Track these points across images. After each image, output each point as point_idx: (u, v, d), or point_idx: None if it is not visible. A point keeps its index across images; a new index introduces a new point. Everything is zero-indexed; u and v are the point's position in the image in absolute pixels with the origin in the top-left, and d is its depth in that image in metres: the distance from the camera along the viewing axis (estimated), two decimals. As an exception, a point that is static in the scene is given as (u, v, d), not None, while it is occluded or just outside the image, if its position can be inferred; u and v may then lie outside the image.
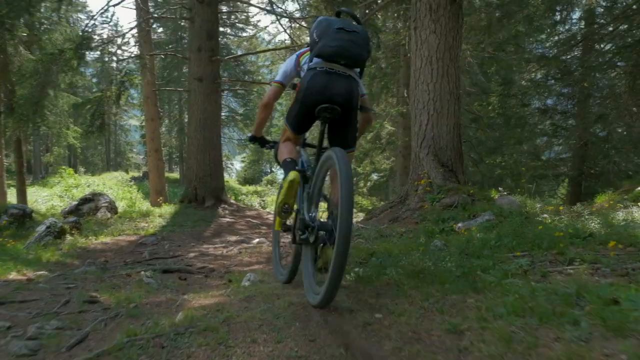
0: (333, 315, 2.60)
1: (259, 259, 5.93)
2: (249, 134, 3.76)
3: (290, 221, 3.47)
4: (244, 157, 49.99)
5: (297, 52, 3.51)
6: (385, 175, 23.83)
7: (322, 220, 3.02)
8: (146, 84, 15.67)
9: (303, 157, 3.52)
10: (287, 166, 3.20)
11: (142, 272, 4.38)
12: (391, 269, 3.53)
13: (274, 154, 3.72)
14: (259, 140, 3.68)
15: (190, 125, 12.19)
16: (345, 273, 3.67)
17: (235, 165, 50.98)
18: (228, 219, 10.44)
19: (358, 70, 3.19)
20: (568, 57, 15.72)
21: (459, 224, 5.25)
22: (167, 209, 11.03)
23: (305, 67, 3.24)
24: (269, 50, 19.65)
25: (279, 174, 50.18)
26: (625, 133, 12.38)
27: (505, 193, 6.80)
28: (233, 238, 8.53)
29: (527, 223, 4.60)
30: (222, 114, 42.13)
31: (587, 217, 5.03)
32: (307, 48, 3.45)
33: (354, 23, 3.18)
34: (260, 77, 44.48)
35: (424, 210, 6.02)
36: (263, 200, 31.08)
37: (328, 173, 3.14)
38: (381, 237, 5.38)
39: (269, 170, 50.64)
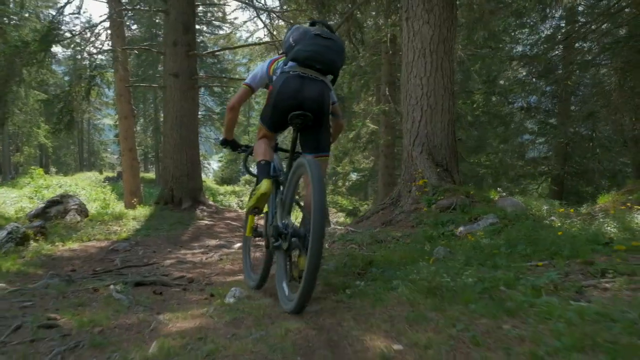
0: (341, 346, 2.14)
1: (242, 266, 5.44)
2: (221, 138, 3.77)
3: (260, 227, 3.57)
4: (221, 157, 49.21)
5: (271, 59, 3.50)
6: (366, 175, 23.43)
7: (295, 226, 3.04)
8: (119, 80, 14.98)
9: (275, 161, 3.50)
10: (261, 171, 3.20)
11: (112, 286, 3.85)
12: (398, 282, 3.08)
13: (243, 160, 3.86)
14: (230, 144, 3.72)
15: (166, 124, 11.61)
16: (345, 287, 3.26)
17: (212, 165, 50.15)
18: (207, 222, 9.90)
19: (331, 77, 3.23)
20: (552, 55, 15.56)
21: (460, 228, 4.84)
22: (142, 211, 10.43)
23: (278, 71, 3.22)
24: (247, 45, 19.11)
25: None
26: (610, 131, 12.18)
27: (504, 194, 6.43)
28: (213, 242, 8.01)
29: (539, 227, 4.20)
30: (199, 112, 41.35)
31: (601, 220, 4.66)
32: (280, 55, 3.47)
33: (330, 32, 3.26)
34: (237, 75, 43.90)
35: (420, 212, 5.60)
36: (241, 201, 30.51)
37: (300, 180, 3.17)
38: (376, 243, 4.94)
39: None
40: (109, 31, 15.01)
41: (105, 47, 15.67)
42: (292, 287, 2.91)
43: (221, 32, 37.69)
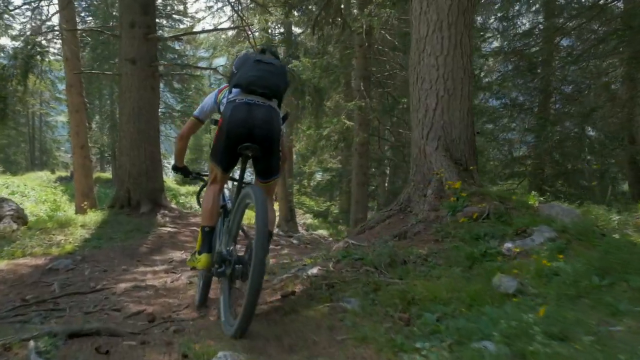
0: None
1: (218, 293, 4.17)
2: (172, 163, 3.93)
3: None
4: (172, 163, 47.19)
5: (217, 89, 3.53)
6: (337, 175, 22.25)
7: (239, 254, 3.08)
8: (69, 69, 13.33)
9: (225, 193, 3.67)
10: (203, 240, 3.27)
11: (32, 343, 2.53)
12: (492, 346, 1.90)
13: (197, 194, 3.98)
14: (181, 171, 3.87)
15: (122, 116, 10.12)
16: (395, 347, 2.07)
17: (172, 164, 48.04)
18: (169, 229, 8.51)
19: (277, 101, 3.21)
20: (533, 50, 14.79)
21: (508, 245, 3.70)
22: (93, 217, 8.95)
23: (225, 100, 3.24)
24: (215, 30, 17.67)
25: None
26: (606, 129, 11.39)
27: (541, 199, 5.35)
28: (178, 255, 6.67)
29: (629, 246, 3.10)
30: (158, 110, 39.34)
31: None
32: (225, 85, 3.50)
33: (274, 58, 3.31)
34: (199, 72, 42.03)
35: (443, 222, 4.44)
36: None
37: (246, 209, 3.22)
38: (399, 265, 3.75)
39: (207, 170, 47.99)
40: (58, 15, 13.35)
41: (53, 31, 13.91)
42: (233, 313, 2.97)
43: (182, 25, 35.80)
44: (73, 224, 8.16)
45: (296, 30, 22.38)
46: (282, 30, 23.81)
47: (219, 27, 23.33)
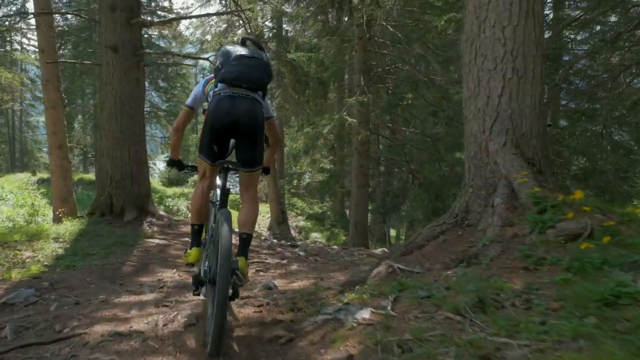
0: None
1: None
2: (167, 157, 4.00)
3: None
4: (167, 157, 45.62)
5: (205, 78, 3.57)
6: (332, 175, 21.09)
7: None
8: (44, 61, 12.01)
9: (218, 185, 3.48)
10: (193, 237, 3.51)
11: None
12: None
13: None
14: (176, 164, 3.86)
15: (103, 112, 8.86)
16: None
17: (158, 166, 46.44)
18: (158, 240, 7.28)
19: (261, 93, 3.27)
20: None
21: (647, 279, 2.58)
22: (69, 227, 7.69)
23: (211, 93, 3.30)
24: (207, 15, 16.39)
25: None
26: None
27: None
28: (169, 275, 5.48)
29: None
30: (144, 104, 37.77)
31: None
32: (212, 76, 3.50)
33: (256, 50, 3.30)
34: (185, 71, 40.61)
35: (530, 243, 3.30)
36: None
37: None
38: (492, 309, 2.60)
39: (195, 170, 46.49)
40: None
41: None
42: None
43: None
44: (44, 237, 6.90)
45: (286, 27, 21.29)
46: (271, 24, 22.67)
47: (208, 18, 22.07)
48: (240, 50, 3.21)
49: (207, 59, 11.22)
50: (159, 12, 36.33)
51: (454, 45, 16.00)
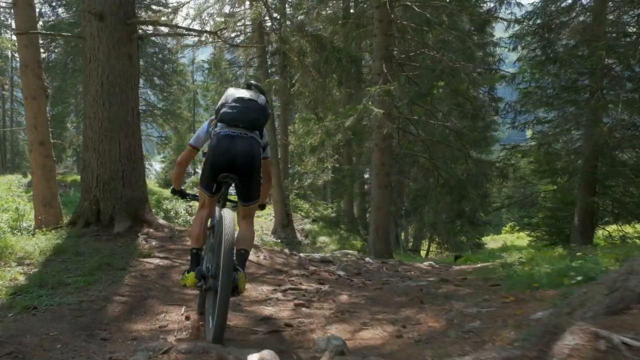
0: None
1: None
2: (172, 187, 4.16)
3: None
4: (164, 157, 43.67)
5: (209, 120, 3.72)
6: (345, 175, 19.24)
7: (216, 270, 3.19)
8: (22, 43, 10.13)
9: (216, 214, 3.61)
10: (192, 261, 3.53)
11: None
12: None
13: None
14: (178, 193, 4.11)
15: (87, 96, 7.03)
16: None
17: (155, 167, 44.48)
18: (157, 260, 5.44)
19: (258, 132, 3.47)
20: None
21: None
22: (42, 242, 5.85)
23: (213, 132, 3.48)
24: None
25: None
26: None
27: None
28: (175, 320, 3.68)
29: None
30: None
31: None
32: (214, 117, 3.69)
33: (257, 93, 3.55)
34: (182, 68, 38.70)
35: None
36: (190, 206, 25.70)
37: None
38: None
39: (192, 172, 44.71)
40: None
41: None
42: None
43: (163, 18, 32.38)
44: (5, 256, 5.08)
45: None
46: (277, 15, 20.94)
47: (206, 10, 20.27)
48: (240, 93, 3.48)
49: (211, 32, 9.34)
50: (153, 7, 34.41)
51: (484, 29, 14.32)
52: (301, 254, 7.08)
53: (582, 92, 11.53)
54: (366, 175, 23.93)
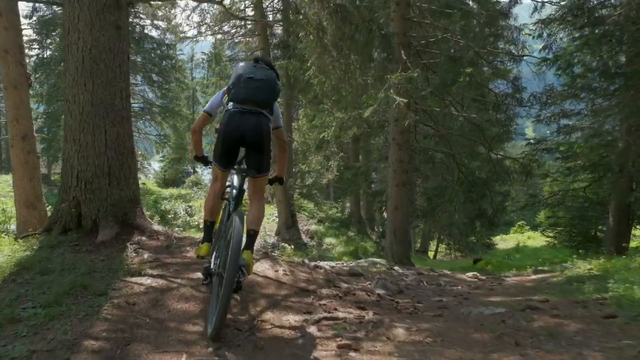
0: None
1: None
2: (193, 154, 4.27)
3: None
4: (163, 157, 42.25)
5: (224, 89, 3.80)
6: (356, 173, 17.94)
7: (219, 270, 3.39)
8: (1, 25, 8.84)
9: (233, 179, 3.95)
10: (205, 232, 3.76)
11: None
12: None
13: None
14: (201, 160, 4.09)
15: (67, 74, 5.71)
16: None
17: (153, 166, 43.03)
18: (150, 280, 4.12)
19: (268, 110, 3.61)
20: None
21: None
22: (5, 255, 4.56)
23: (225, 106, 3.64)
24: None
25: (206, 173, 43.21)
26: None
27: None
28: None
29: None
30: (135, 105, 34.42)
31: None
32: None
33: (266, 70, 3.67)
34: (180, 64, 37.32)
35: None
36: (190, 207, 24.36)
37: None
38: None
39: (192, 171, 43.34)
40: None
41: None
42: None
43: (160, 13, 30.92)
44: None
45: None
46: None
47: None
48: (249, 73, 3.57)
49: (219, 2, 8.00)
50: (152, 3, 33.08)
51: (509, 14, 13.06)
52: (325, 265, 5.78)
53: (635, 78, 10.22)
54: (373, 174, 22.67)
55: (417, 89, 10.18)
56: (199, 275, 4.06)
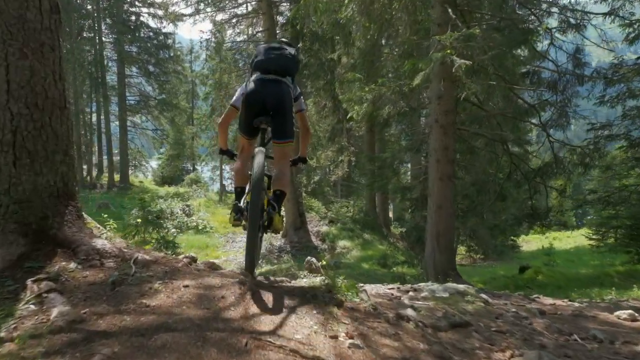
0: None
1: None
2: (219, 148, 4.10)
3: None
4: (161, 155, 39.73)
5: (246, 81, 3.78)
6: (382, 165, 15.31)
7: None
8: None
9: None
10: (236, 197, 3.66)
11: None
12: None
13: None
14: (226, 153, 4.02)
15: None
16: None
17: (151, 164, 40.49)
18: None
19: (290, 79, 3.60)
20: None
21: None
22: None
23: (248, 81, 3.65)
24: None
25: (205, 171, 40.75)
26: None
27: None
28: None
29: None
30: (131, 98, 31.86)
31: None
32: None
33: (287, 45, 3.74)
34: (179, 54, 34.77)
35: None
36: (187, 206, 21.83)
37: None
38: None
39: (191, 168, 40.82)
40: None
41: None
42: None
43: (160, 12, 28.27)
44: None
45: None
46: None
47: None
48: (272, 44, 3.70)
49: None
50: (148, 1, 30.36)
51: None
52: (410, 313, 3.18)
53: None
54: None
55: (479, 50, 7.64)
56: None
